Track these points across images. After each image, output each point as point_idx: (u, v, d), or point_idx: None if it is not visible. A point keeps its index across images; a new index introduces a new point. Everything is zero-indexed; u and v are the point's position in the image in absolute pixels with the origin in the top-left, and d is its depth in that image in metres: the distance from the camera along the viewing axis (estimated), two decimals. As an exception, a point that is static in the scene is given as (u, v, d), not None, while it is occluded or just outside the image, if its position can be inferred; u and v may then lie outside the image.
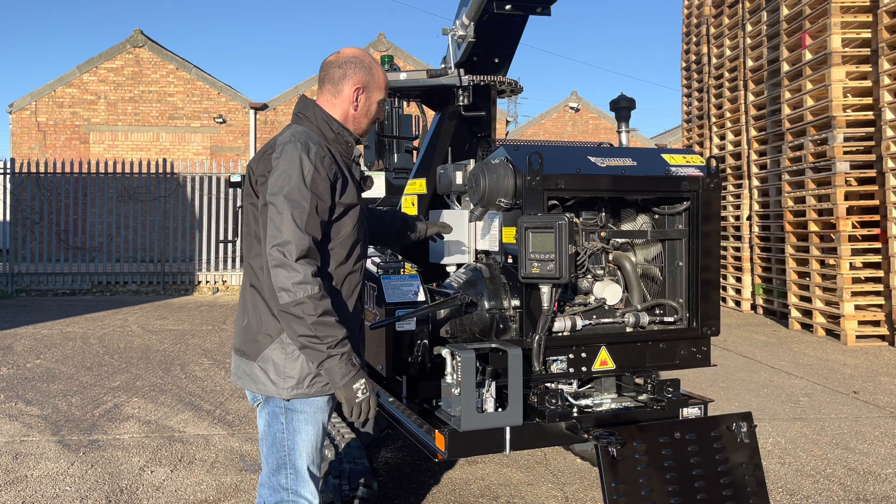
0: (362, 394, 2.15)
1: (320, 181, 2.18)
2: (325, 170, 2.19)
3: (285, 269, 2.09)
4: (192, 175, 14.67)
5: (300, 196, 2.13)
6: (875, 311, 8.33)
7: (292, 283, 2.08)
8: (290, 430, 2.28)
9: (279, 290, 2.10)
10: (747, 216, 10.99)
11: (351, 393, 2.14)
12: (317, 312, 2.08)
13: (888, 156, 7.92)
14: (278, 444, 2.29)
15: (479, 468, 4.23)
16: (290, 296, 2.08)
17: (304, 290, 2.07)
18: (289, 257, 2.09)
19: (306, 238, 2.12)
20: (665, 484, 2.68)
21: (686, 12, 13.40)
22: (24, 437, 4.78)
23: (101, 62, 19.78)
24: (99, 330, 9.17)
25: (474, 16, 3.52)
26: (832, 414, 5.39)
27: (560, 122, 23.68)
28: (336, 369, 2.12)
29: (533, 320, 2.83)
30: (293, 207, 2.12)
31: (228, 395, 5.88)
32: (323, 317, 2.09)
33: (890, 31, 7.97)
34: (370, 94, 2.38)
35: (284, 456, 2.29)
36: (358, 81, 2.36)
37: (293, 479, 2.29)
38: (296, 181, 2.14)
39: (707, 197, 3.04)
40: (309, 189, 2.15)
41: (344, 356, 2.12)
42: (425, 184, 3.87)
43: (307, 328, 2.09)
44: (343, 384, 2.13)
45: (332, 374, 2.13)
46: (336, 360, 2.11)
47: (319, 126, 2.32)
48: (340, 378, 2.13)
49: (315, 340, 2.10)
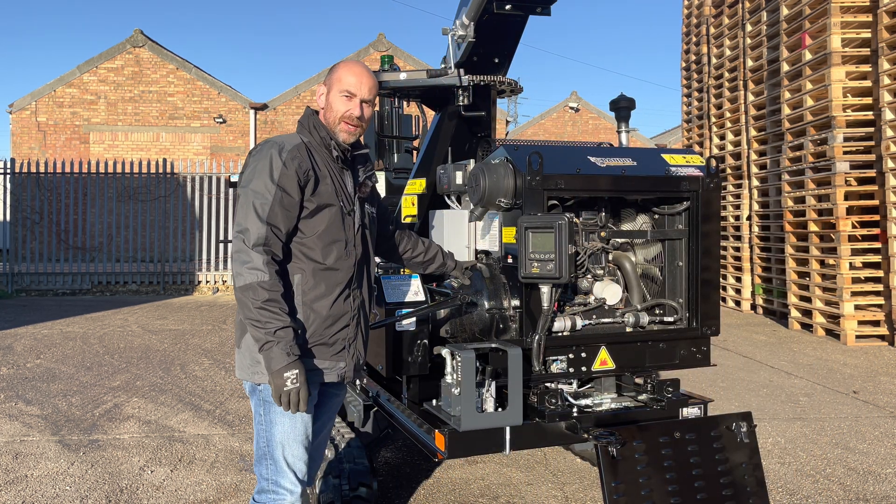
0: (291, 384, 2.22)
1: (288, 177, 2.31)
2: (293, 167, 2.33)
3: (242, 253, 2.25)
4: (192, 175, 14.67)
5: (265, 188, 2.29)
6: (875, 311, 8.33)
7: (245, 268, 2.23)
8: (267, 422, 2.38)
9: (235, 273, 2.26)
10: (747, 216, 10.99)
11: (280, 381, 2.22)
12: (261, 298, 2.21)
13: (888, 156, 7.92)
14: (259, 434, 2.41)
15: (479, 468, 4.23)
16: (241, 279, 2.24)
17: (254, 276, 2.22)
18: (246, 243, 2.25)
19: (264, 227, 2.27)
20: (665, 484, 2.68)
21: (686, 12, 13.40)
22: (24, 437, 4.78)
23: (101, 62, 19.78)
24: (99, 330, 9.17)
25: (474, 16, 3.52)
26: (832, 414, 5.39)
27: (560, 122, 23.68)
28: (271, 355, 2.21)
29: (533, 320, 2.83)
30: (256, 198, 2.28)
31: (228, 395, 5.88)
32: (267, 303, 2.21)
33: (890, 31, 7.97)
34: (330, 89, 2.49)
35: (264, 447, 2.39)
36: (323, 83, 2.52)
37: (273, 470, 2.39)
38: (264, 175, 2.30)
39: (707, 197, 3.04)
40: (275, 183, 2.29)
41: (281, 343, 2.21)
42: (425, 184, 3.87)
43: (251, 311, 2.21)
44: (275, 370, 2.22)
45: (267, 360, 2.23)
46: (273, 346, 2.21)
47: (310, 131, 2.48)
48: (273, 364, 2.22)
49: (257, 324, 2.21)
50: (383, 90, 4.03)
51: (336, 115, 2.46)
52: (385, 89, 4.00)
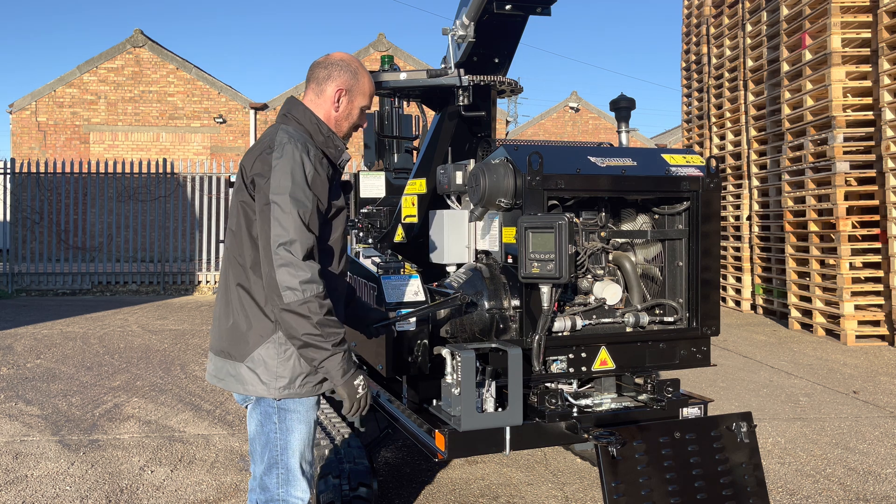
0: (362, 389, 2.22)
1: (320, 182, 2.20)
2: (323, 171, 2.23)
3: (292, 267, 2.09)
4: (192, 175, 14.66)
5: (304, 195, 2.15)
6: (875, 311, 8.33)
7: (299, 282, 2.08)
8: (283, 430, 2.28)
9: (285, 288, 2.08)
10: (747, 216, 10.99)
11: (352, 389, 2.20)
12: (322, 311, 2.10)
13: (888, 156, 7.92)
14: (272, 443, 2.29)
15: (479, 468, 4.23)
16: (296, 294, 2.08)
17: (310, 290, 2.09)
18: (296, 255, 2.10)
19: (311, 237, 2.14)
20: (665, 484, 2.68)
21: (686, 12, 13.40)
22: (24, 437, 4.78)
23: (102, 62, 19.78)
24: (99, 330, 9.17)
25: (474, 16, 3.52)
26: (832, 414, 5.39)
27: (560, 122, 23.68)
28: (338, 367, 2.15)
29: (533, 320, 2.83)
30: (298, 206, 2.13)
31: (228, 395, 5.88)
32: (328, 316, 2.12)
33: (890, 31, 7.97)
34: (353, 98, 2.38)
35: (277, 455, 2.30)
36: (341, 84, 2.36)
37: (284, 478, 2.30)
38: (299, 181, 2.15)
39: (707, 197, 3.04)
40: (311, 189, 2.17)
41: (345, 354, 2.17)
42: (425, 184, 3.87)
43: (313, 327, 2.10)
44: (344, 381, 2.17)
45: (332, 372, 2.16)
46: (339, 358, 2.15)
47: (308, 128, 2.32)
48: (342, 375, 2.17)
49: (320, 339, 2.11)
50: (383, 90, 4.03)
51: (351, 123, 2.39)
52: (385, 89, 4.00)
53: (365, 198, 4.77)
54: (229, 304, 2.29)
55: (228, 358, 2.28)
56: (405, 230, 4.00)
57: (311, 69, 2.41)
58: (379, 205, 4.64)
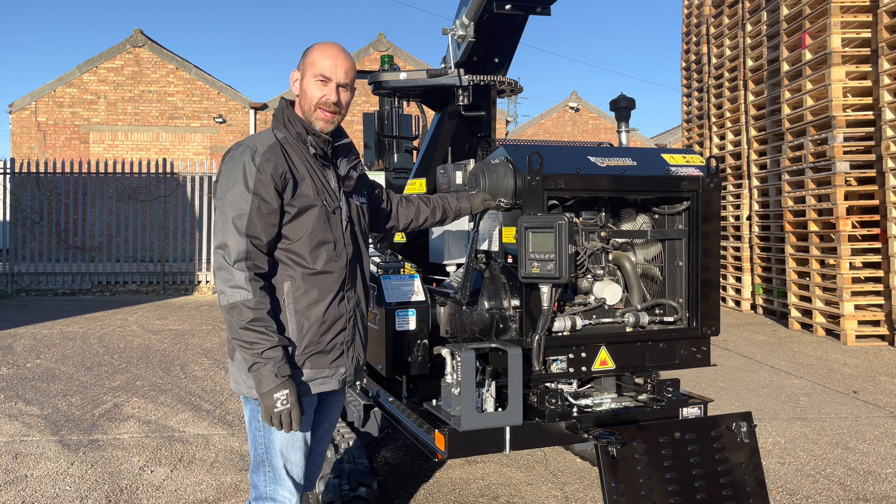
0: (282, 405, 2.13)
1: (264, 183, 2.17)
2: (269, 172, 2.18)
3: (224, 271, 2.15)
4: (192, 175, 14.66)
5: (241, 199, 2.16)
6: (875, 311, 8.33)
7: (227, 286, 2.13)
8: (265, 429, 2.28)
9: (218, 291, 2.18)
10: (747, 216, 10.99)
11: (270, 402, 2.13)
12: (246, 318, 2.11)
13: (888, 156, 7.92)
14: (257, 441, 2.32)
15: (479, 468, 4.23)
16: (225, 298, 2.13)
17: (237, 294, 2.11)
18: (227, 260, 2.14)
19: (244, 241, 2.14)
20: (665, 484, 2.68)
21: (686, 12, 13.40)
22: (24, 437, 4.78)
23: (101, 62, 19.78)
24: (99, 330, 9.17)
25: (474, 16, 3.52)
26: (832, 414, 5.39)
27: (560, 122, 23.68)
28: (260, 376, 2.13)
29: (533, 320, 2.83)
30: (233, 210, 2.16)
31: (228, 395, 5.88)
32: (252, 323, 2.11)
33: (890, 31, 7.97)
34: (303, 75, 2.32)
35: (262, 454, 2.32)
36: (296, 70, 2.36)
37: (271, 477, 2.32)
38: (238, 184, 2.17)
39: (707, 197, 3.04)
40: (251, 192, 2.16)
41: (269, 364, 2.12)
42: (425, 184, 3.87)
43: (236, 332, 2.13)
44: (264, 392, 2.13)
45: (256, 381, 2.14)
46: (261, 367, 2.12)
47: (286, 126, 2.31)
48: (263, 386, 2.13)
49: (244, 345, 2.13)
50: (383, 90, 4.03)
51: (311, 103, 2.29)
52: (385, 89, 4.00)
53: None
54: None
55: (229, 358, 2.34)
56: (405, 230, 3.99)
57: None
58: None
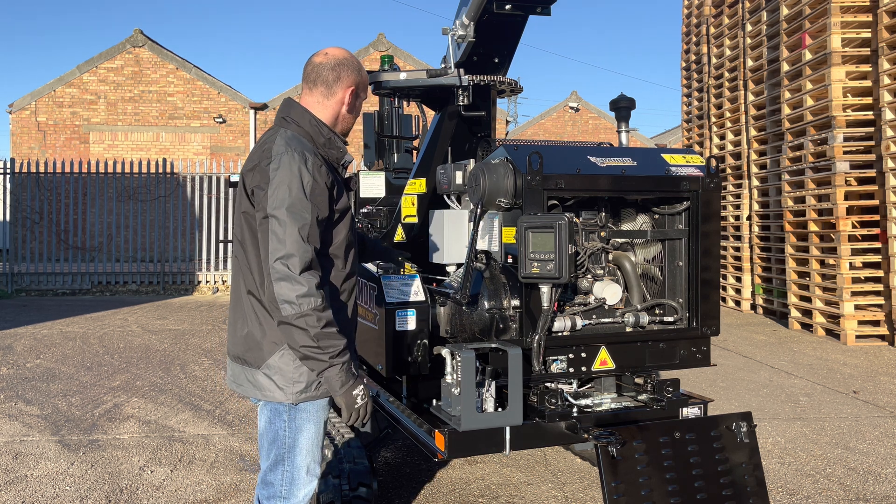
0: (361, 399, 2.22)
1: (319, 191, 2.19)
2: (322, 179, 2.20)
3: (289, 281, 2.10)
4: (192, 175, 14.66)
5: (302, 208, 2.14)
6: (875, 311, 8.33)
7: (296, 296, 2.09)
8: (292, 428, 2.31)
9: (283, 302, 2.10)
10: (747, 216, 10.99)
11: (351, 399, 2.21)
12: (320, 324, 2.11)
13: (888, 156, 7.92)
14: (280, 440, 2.31)
15: (479, 468, 4.23)
16: (293, 308, 2.10)
17: (308, 303, 2.10)
18: (293, 270, 2.10)
19: (309, 250, 2.14)
20: (665, 484, 2.68)
21: (686, 12, 13.40)
22: (24, 437, 4.78)
23: (101, 62, 19.78)
24: (99, 330, 9.17)
25: (474, 16, 3.52)
26: (832, 414, 5.39)
27: (560, 122, 23.68)
28: (336, 378, 2.16)
29: (533, 320, 2.83)
30: (296, 220, 2.13)
31: (228, 395, 5.88)
32: (326, 328, 2.12)
33: (890, 31, 7.97)
34: (360, 94, 2.41)
35: (284, 453, 2.32)
36: (352, 83, 2.36)
37: (289, 476, 2.32)
38: (297, 193, 2.14)
39: (707, 197, 3.04)
40: (309, 200, 2.16)
41: (344, 365, 2.17)
42: (425, 184, 3.87)
43: (311, 339, 2.11)
44: (343, 392, 2.19)
45: (332, 382, 2.18)
46: (337, 369, 2.16)
47: (310, 131, 2.30)
48: (340, 386, 2.18)
49: (318, 351, 2.13)
50: (383, 90, 4.03)
51: (350, 124, 2.41)
52: (385, 89, 4.00)
53: (365, 198, 4.78)
54: (243, 311, 2.32)
55: (245, 364, 2.32)
56: (405, 230, 4.00)
57: (315, 70, 2.35)
58: (379, 205, 4.64)
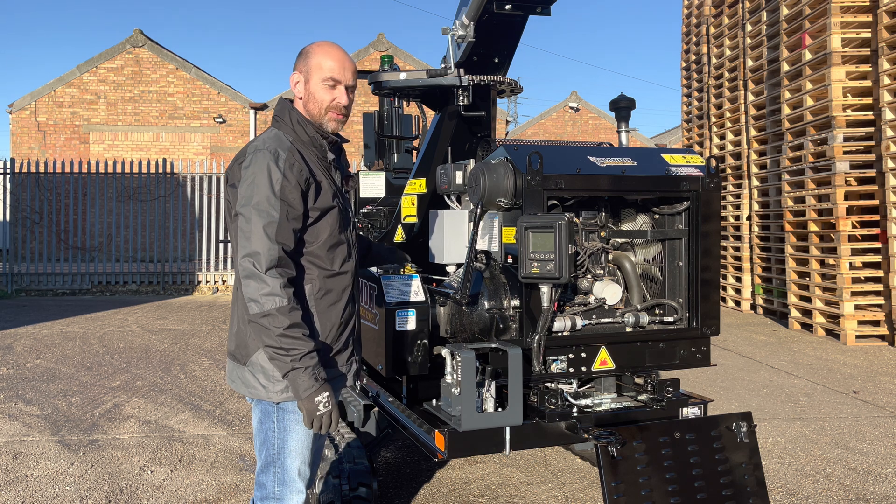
0: (324, 407, 2.14)
1: (290, 189, 2.16)
2: (294, 177, 2.17)
3: (255, 279, 2.10)
4: (192, 175, 14.66)
5: (269, 205, 2.13)
6: (875, 311, 8.33)
7: (261, 295, 2.09)
8: (280, 430, 2.29)
9: (248, 300, 2.11)
10: (747, 216, 10.99)
11: (312, 406, 2.14)
12: (283, 325, 2.09)
13: (888, 156, 7.92)
14: (269, 442, 2.31)
15: (479, 468, 4.23)
16: (258, 307, 2.09)
17: (272, 302, 2.08)
18: (258, 268, 2.10)
19: (276, 248, 2.12)
20: (665, 484, 2.68)
21: (686, 12, 13.40)
22: (24, 437, 4.78)
23: (101, 62, 19.78)
24: (99, 330, 9.17)
25: (474, 16, 3.52)
26: (832, 414, 5.39)
27: (560, 122, 23.68)
28: (299, 382, 2.12)
29: (533, 320, 2.83)
30: (262, 217, 2.12)
31: (228, 395, 5.88)
32: (289, 329, 2.09)
33: (890, 31, 7.97)
34: (308, 77, 2.30)
35: (274, 454, 2.31)
36: (296, 71, 2.34)
37: (280, 478, 2.31)
38: (264, 190, 2.13)
39: (707, 197, 3.04)
40: (278, 198, 2.14)
41: (308, 370, 2.12)
42: (425, 184, 3.87)
43: (273, 340, 2.10)
44: (305, 397, 2.13)
45: (295, 386, 2.14)
46: (300, 373, 2.11)
47: (295, 129, 2.30)
48: (303, 391, 2.13)
49: (280, 352, 2.11)
50: (383, 90, 4.03)
51: (321, 106, 2.30)
52: (385, 89, 4.00)
53: (365, 198, 4.78)
54: (235, 308, 2.33)
55: (236, 361, 2.32)
56: (405, 230, 4.00)
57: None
58: (379, 205, 4.64)
